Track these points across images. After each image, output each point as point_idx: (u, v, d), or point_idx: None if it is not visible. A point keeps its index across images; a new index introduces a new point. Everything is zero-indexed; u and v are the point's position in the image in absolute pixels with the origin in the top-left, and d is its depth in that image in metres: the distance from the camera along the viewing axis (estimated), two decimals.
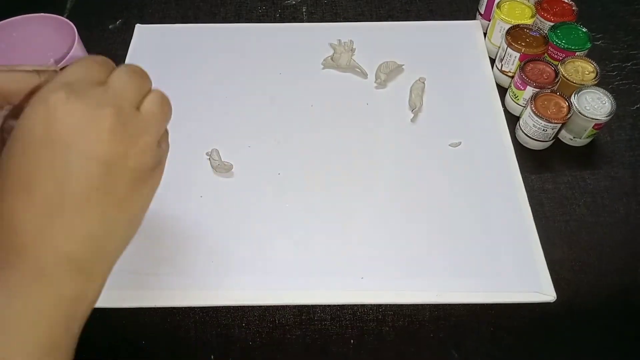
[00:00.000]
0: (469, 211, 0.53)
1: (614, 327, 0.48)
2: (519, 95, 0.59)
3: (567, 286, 0.49)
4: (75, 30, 0.58)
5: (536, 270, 0.49)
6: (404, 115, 0.61)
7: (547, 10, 0.63)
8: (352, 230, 0.52)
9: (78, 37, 0.57)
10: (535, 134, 0.56)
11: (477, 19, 0.70)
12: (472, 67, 0.65)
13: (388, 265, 0.50)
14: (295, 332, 0.47)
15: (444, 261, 0.50)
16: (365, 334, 0.47)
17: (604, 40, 0.68)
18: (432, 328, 0.47)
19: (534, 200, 0.54)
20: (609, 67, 0.66)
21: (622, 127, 0.60)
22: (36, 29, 0.61)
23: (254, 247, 0.51)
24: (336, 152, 0.58)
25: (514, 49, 0.60)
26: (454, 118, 0.60)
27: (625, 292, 0.50)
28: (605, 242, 0.52)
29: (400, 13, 0.73)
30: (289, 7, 0.74)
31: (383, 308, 0.48)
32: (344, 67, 0.65)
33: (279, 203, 0.54)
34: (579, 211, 0.54)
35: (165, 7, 0.73)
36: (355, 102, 0.62)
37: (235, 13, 0.72)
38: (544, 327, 0.48)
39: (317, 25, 0.70)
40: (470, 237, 0.51)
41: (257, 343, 0.47)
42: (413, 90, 0.62)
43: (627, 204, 0.55)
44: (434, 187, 0.55)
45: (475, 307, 0.48)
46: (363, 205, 0.54)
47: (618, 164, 0.57)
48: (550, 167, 0.57)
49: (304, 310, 0.48)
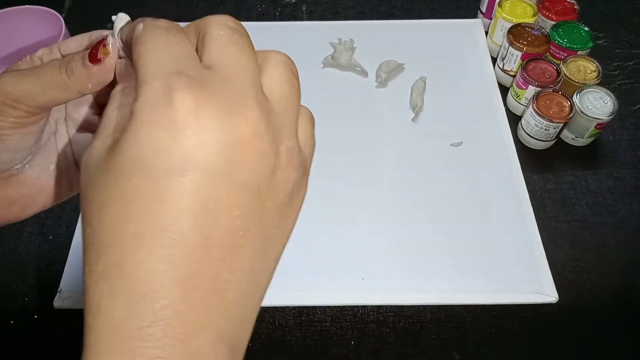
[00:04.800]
0: (470, 211, 0.53)
1: (616, 327, 0.48)
2: (520, 94, 0.59)
3: (569, 287, 0.49)
4: (62, 20, 0.57)
5: (538, 271, 0.49)
6: (404, 115, 0.61)
7: (548, 9, 0.63)
8: (352, 231, 0.52)
9: (65, 28, 0.57)
10: (537, 134, 0.56)
11: (479, 18, 0.70)
12: (474, 66, 0.65)
13: (389, 266, 0.49)
14: (295, 334, 0.47)
15: (445, 262, 0.50)
16: (365, 335, 0.47)
17: (606, 39, 0.68)
18: (433, 329, 0.47)
19: (535, 200, 0.54)
20: (611, 67, 0.65)
21: (624, 126, 0.60)
22: (21, 21, 0.60)
23: None
24: (336, 151, 0.57)
25: (516, 48, 0.59)
26: (456, 117, 0.60)
27: (628, 292, 0.49)
28: (608, 243, 0.52)
29: (401, 11, 0.72)
30: (289, 5, 0.73)
31: (384, 309, 0.48)
32: (345, 66, 0.64)
33: None
34: (581, 211, 0.54)
35: (164, 6, 0.72)
36: (355, 102, 0.62)
37: (234, 12, 0.72)
38: (545, 328, 0.47)
39: (317, 24, 0.70)
40: (471, 237, 0.51)
41: (256, 344, 0.47)
42: (414, 89, 0.62)
43: (629, 204, 0.54)
44: (435, 187, 0.55)
45: (476, 308, 0.48)
46: (363, 205, 0.53)
47: (620, 164, 0.57)
48: (552, 167, 0.57)
49: (304, 311, 0.48)
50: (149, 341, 0.16)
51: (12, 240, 0.52)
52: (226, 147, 0.17)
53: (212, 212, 0.17)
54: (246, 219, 0.18)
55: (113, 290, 0.17)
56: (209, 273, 0.17)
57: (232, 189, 0.17)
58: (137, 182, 0.17)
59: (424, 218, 0.52)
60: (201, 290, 0.17)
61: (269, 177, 0.18)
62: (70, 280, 0.48)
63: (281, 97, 0.20)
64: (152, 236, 0.17)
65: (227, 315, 0.18)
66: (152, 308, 0.16)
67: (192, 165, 0.17)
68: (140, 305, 0.16)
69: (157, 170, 0.17)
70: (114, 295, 0.17)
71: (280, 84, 0.20)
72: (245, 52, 0.19)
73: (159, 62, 0.18)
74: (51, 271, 0.50)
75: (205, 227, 0.17)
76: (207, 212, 0.17)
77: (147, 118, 0.17)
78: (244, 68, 0.19)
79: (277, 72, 0.20)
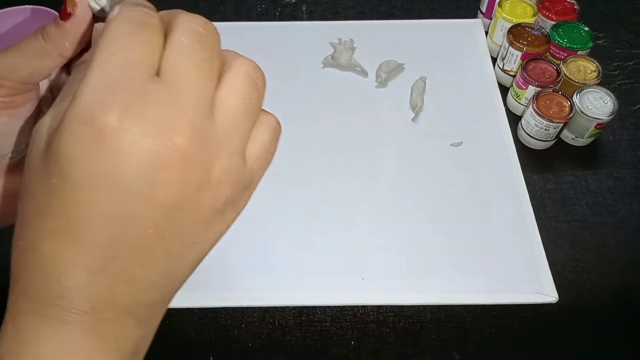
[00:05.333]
0: (470, 211, 0.53)
1: (616, 327, 0.48)
2: (520, 94, 0.59)
3: (569, 287, 0.49)
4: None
5: (538, 271, 0.49)
6: (404, 115, 0.61)
7: (548, 9, 0.63)
8: (352, 231, 0.52)
9: None
10: (537, 134, 0.56)
11: (479, 18, 0.70)
12: (474, 66, 0.65)
13: (389, 266, 0.49)
14: (295, 334, 0.47)
15: (445, 262, 0.50)
16: (365, 335, 0.47)
17: (606, 39, 0.68)
18: (433, 329, 0.47)
19: (535, 200, 0.54)
20: (611, 67, 0.65)
21: (624, 126, 0.60)
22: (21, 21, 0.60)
23: (253, 248, 0.51)
24: (336, 152, 0.57)
25: (516, 48, 0.59)
26: (456, 117, 0.60)
27: (628, 292, 0.49)
28: (608, 243, 0.52)
29: (401, 11, 0.72)
30: (289, 5, 0.73)
31: (384, 309, 0.48)
32: (344, 66, 0.64)
33: (279, 203, 0.53)
34: (581, 211, 0.54)
35: (164, 6, 0.72)
36: (355, 102, 0.62)
37: (234, 12, 0.72)
38: (545, 328, 0.47)
39: (317, 24, 0.70)
40: (471, 237, 0.51)
41: (256, 344, 0.46)
42: (414, 89, 0.62)
43: (629, 204, 0.54)
44: (435, 187, 0.54)
45: (476, 308, 0.48)
46: (363, 205, 0.53)
47: (620, 164, 0.57)
48: (552, 167, 0.57)
49: (304, 311, 0.48)
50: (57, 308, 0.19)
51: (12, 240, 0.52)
52: (145, 167, 0.18)
53: (124, 222, 0.19)
54: (160, 229, 0.19)
55: (29, 265, 0.19)
56: (117, 267, 0.19)
57: (146, 204, 0.19)
58: (57, 182, 0.19)
59: (424, 218, 0.52)
60: (108, 278, 0.19)
61: (193, 196, 0.19)
62: None
63: (231, 113, 0.20)
64: (65, 233, 0.19)
65: (135, 299, 0.20)
66: (59, 285, 0.19)
67: (107, 181, 0.18)
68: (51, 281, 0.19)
69: (74, 178, 0.18)
70: (30, 269, 0.19)
71: (234, 99, 0.20)
72: (200, 67, 0.19)
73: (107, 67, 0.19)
74: None
75: (116, 232, 0.19)
76: (119, 221, 0.19)
77: (74, 127, 0.18)
78: (192, 87, 0.19)
79: (234, 86, 0.20)
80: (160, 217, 0.19)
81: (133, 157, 0.18)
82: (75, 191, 0.18)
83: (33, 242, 0.19)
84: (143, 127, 0.18)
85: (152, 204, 0.19)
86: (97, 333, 0.19)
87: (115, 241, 0.19)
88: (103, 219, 0.19)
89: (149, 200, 0.19)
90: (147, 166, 0.18)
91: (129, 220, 0.19)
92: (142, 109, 0.18)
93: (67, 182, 0.18)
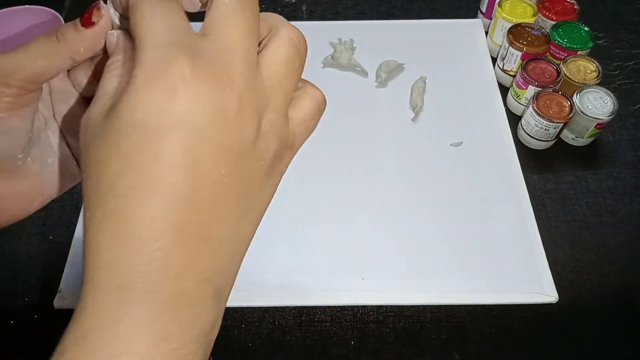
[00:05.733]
0: (470, 211, 0.53)
1: (616, 327, 0.48)
2: (520, 94, 0.59)
3: (569, 287, 0.49)
4: (62, 20, 0.57)
5: (538, 271, 0.49)
6: (405, 115, 0.61)
7: (548, 9, 0.63)
8: (352, 231, 0.52)
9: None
10: (537, 134, 0.56)
11: (479, 18, 0.70)
12: (474, 66, 0.65)
13: (389, 266, 0.49)
14: (295, 334, 0.47)
15: (445, 262, 0.50)
16: (365, 335, 0.47)
17: (606, 39, 0.68)
18: (433, 329, 0.47)
19: (535, 200, 0.54)
20: (611, 67, 0.65)
21: (624, 126, 0.60)
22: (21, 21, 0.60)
23: (253, 248, 0.50)
24: (336, 151, 0.57)
25: (516, 48, 0.59)
26: (456, 117, 0.60)
27: (628, 292, 0.49)
28: (608, 243, 0.52)
29: (401, 11, 0.72)
30: (289, 5, 0.73)
31: (384, 309, 0.48)
32: (345, 66, 0.64)
33: (279, 203, 0.53)
34: (581, 211, 0.54)
35: None
36: (355, 102, 0.62)
37: None
38: (545, 328, 0.47)
39: (317, 24, 0.70)
40: (471, 237, 0.51)
41: (256, 344, 0.46)
42: (414, 89, 0.62)
43: (629, 204, 0.54)
44: (435, 187, 0.54)
45: (476, 308, 0.48)
46: (363, 205, 0.53)
47: (620, 164, 0.57)
48: (552, 167, 0.57)
49: (304, 311, 0.48)
50: (140, 278, 0.18)
51: (12, 240, 0.52)
52: (212, 113, 0.19)
53: (201, 169, 0.19)
54: (232, 177, 0.20)
55: (112, 233, 0.19)
56: (197, 222, 0.19)
57: (218, 150, 0.19)
58: (133, 140, 0.19)
59: (424, 218, 0.52)
60: (190, 236, 0.19)
61: (251, 144, 0.20)
62: (70, 280, 0.48)
63: (273, 74, 0.21)
64: (146, 189, 0.19)
65: (213, 261, 0.20)
66: (149, 248, 0.18)
67: (183, 126, 0.19)
68: (138, 245, 0.18)
69: (151, 129, 0.18)
70: (113, 236, 0.19)
71: (278, 61, 0.21)
72: (241, 25, 0.20)
73: (157, 31, 0.19)
74: (51, 271, 0.50)
75: (194, 181, 0.19)
76: (196, 168, 0.19)
77: (146, 83, 0.19)
78: (237, 42, 0.20)
79: (279, 50, 0.22)
80: (232, 164, 0.20)
81: (202, 103, 0.19)
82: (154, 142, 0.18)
83: (114, 209, 0.19)
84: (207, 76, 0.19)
85: (222, 150, 0.19)
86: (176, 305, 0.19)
87: (195, 192, 0.19)
88: (182, 167, 0.19)
89: (219, 146, 0.19)
90: (214, 112, 0.19)
91: (205, 168, 0.19)
92: (202, 60, 0.19)
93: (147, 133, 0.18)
